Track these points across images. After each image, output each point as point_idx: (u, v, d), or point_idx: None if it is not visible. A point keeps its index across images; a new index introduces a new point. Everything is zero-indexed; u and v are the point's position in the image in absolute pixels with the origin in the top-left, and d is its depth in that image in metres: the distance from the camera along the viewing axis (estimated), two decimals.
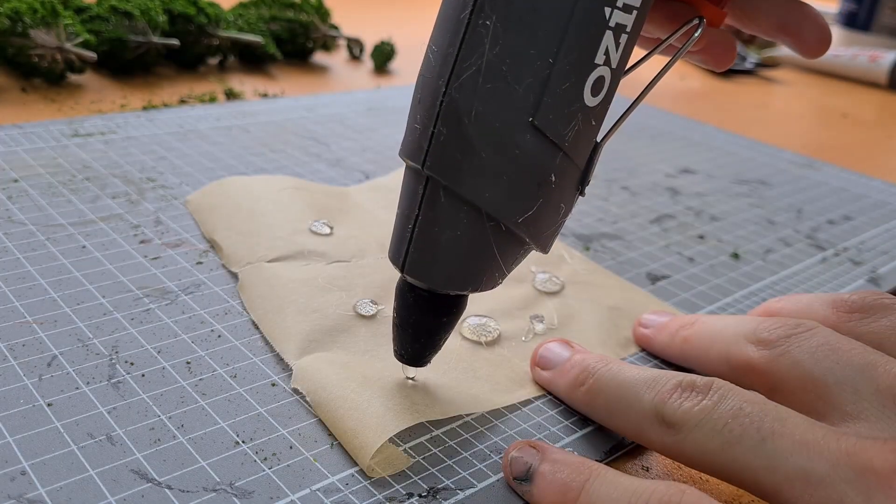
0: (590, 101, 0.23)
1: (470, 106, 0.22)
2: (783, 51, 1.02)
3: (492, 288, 0.25)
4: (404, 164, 0.25)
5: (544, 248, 0.25)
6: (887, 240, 0.49)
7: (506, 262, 0.25)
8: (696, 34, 0.26)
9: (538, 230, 0.24)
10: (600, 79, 0.23)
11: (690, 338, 0.31)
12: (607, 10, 0.22)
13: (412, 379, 0.28)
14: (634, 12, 0.22)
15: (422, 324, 0.26)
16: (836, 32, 1.10)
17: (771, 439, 0.22)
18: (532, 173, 0.23)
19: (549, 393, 0.30)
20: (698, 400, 0.24)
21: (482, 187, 0.23)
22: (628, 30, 0.23)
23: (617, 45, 0.22)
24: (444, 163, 0.23)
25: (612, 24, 0.22)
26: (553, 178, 0.23)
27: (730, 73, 0.95)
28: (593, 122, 0.23)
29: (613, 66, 0.23)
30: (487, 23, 0.21)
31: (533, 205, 0.23)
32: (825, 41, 0.29)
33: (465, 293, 0.25)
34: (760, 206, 0.52)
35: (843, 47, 1.03)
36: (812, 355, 0.25)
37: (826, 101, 0.88)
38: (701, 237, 0.46)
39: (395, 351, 0.27)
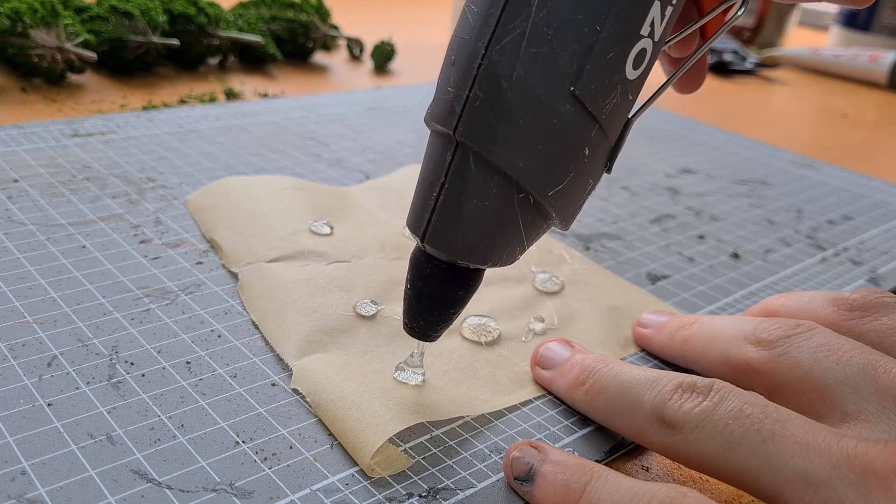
0: (630, 73, 0.22)
1: (510, 70, 0.21)
2: (783, 51, 1.02)
3: (510, 263, 0.24)
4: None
5: (566, 225, 0.24)
6: (887, 240, 0.49)
7: (528, 237, 0.24)
8: (740, 12, 0.26)
9: (565, 205, 0.23)
10: (643, 51, 0.22)
11: (690, 338, 0.31)
12: None
13: (421, 384, 0.28)
14: None
15: (437, 296, 0.25)
16: (836, 32, 1.10)
17: (772, 441, 0.22)
18: (567, 145, 0.22)
19: (550, 393, 0.30)
20: (699, 401, 0.23)
21: (516, 156, 0.22)
22: (674, 2, 0.22)
23: (662, 16, 0.22)
24: (479, 128, 0.22)
25: None
26: (586, 152, 0.22)
27: (730, 73, 0.95)
28: (630, 97, 0.23)
29: (656, 38, 0.22)
30: None
31: (564, 178, 0.23)
32: None
33: (485, 267, 0.24)
34: (760, 206, 0.52)
35: (843, 47, 1.03)
36: (812, 356, 0.25)
37: (826, 101, 0.88)
38: (701, 237, 0.46)
39: (404, 324, 0.26)
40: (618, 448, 0.28)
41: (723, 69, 0.94)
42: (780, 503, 0.21)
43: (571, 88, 0.21)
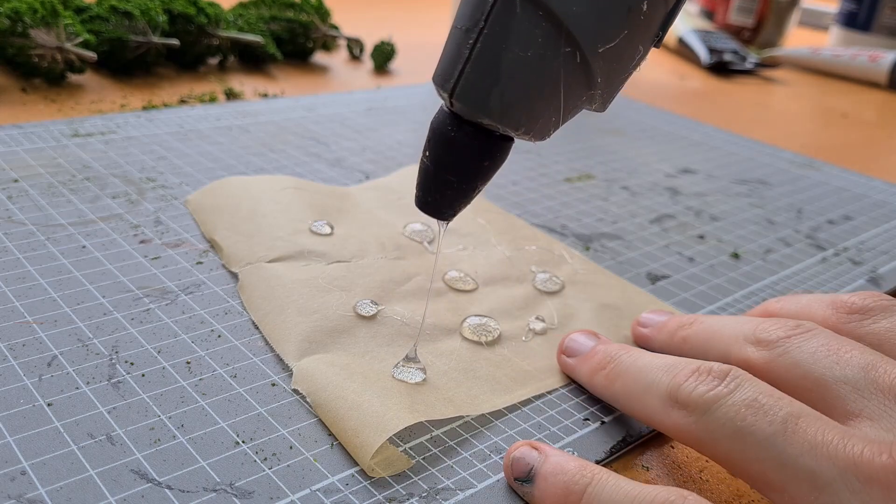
0: None
1: None
2: (783, 51, 1.02)
3: (541, 137, 0.22)
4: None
5: (605, 103, 0.22)
6: (887, 240, 0.49)
7: (567, 105, 0.22)
8: None
9: (611, 71, 0.21)
10: None
11: (689, 338, 0.31)
12: None
13: (421, 383, 0.28)
14: None
15: (460, 165, 0.22)
16: (836, 32, 1.10)
17: (782, 435, 0.22)
18: None
19: (572, 380, 0.31)
20: (714, 384, 0.24)
21: None
22: None
23: None
24: None
25: None
26: (644, 7, 0.20)
27: (730, 73, 0.95)
28: None
29: None
30: None
31: (618, 34, 0.20)
32: None
33: (516, 133, 0.22)
34: (760, 206, 0.52)
35: (843, 47, 1.03)
36: (811, 356, 0.25)
37: (826, 101, 0.88)
38: (701, 237, 0.46)
39: (417, 198, 0.24)
40: (618, 448, 0.28)
41: (723, 69, 0.94)
42: (785, 499, 0.22)
43: None
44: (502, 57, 0.21)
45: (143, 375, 0.28)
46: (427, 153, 0.23)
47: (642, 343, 0.33)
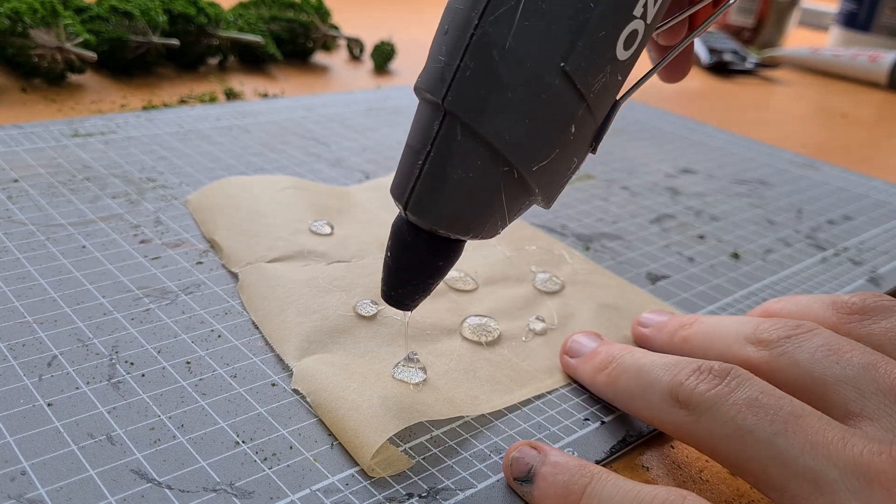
0: (621, 54, 0.22)
1: (503, 42, 0.21)
2: (783, 51, 1.02)
3: (491, 236, 0.25)
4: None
5: (548, 203, 0.25)
6: (887, 240, 0.49)
7: (510, 211, 0.24)
8: (732, 1, 0.26)
9: (548, 181, 0.24)
10: (634, 32, 0.22)
11: (689, 338, 0.31)
12: None
13: (422, 383, 0.28)
14: None
15: (417, 266, 0.25)
16: (836, 32, 1.10)
17: (783, 434, 0.22)
18: (554, 120, 0.22)
19: (572, 380, 0.31)
20: (715, 383, 0.24)
21: (503, 129, 0.22)
22: None
23: None
24: (468, 99, 0.22)
25: None
26: (573, 129, 0.23)
27: (730, 73, 0.95)
28: (619, 77, 0.23)
29: (648, 21, 0.22)
30: None
31: (549, 154, 0.23)
32: None
33: (466, 238, 0.24)
34: (760, 206, 0.52)
35: (843, 47, 1.03)
36: (812, 355, 0.25)
37: (826, 101, 0.88)
38: (701, 237, 0.46)
39: (383, 292, 0.26)
40: (618, 448, 0.28)
41: (723, 69, 0.94)
42: (785, 498, 0.22)
43: (562, 64, 0.21)
44: (448, 177, 0.23)
45: (143, 375, 0.28)
46: (388, 253, 0.25)
47: (643, 343, 0.33)
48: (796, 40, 1.18)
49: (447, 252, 0.25)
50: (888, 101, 0.91)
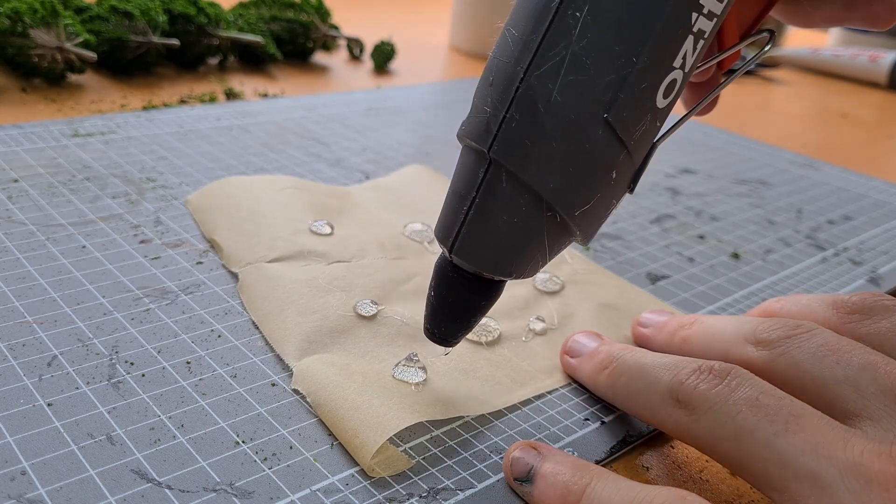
0: (661, 102, 0.23)
1: (548, 95, 0.22)
2: (783, 51, 1.02)
3: (532, 276, 0.25)
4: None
5: (587, 241, 0.25)
6: (887, 240, 0.49)
7: (551, 251, 0.25)
8: (767, 47, 0.27)
9: (588, 224, 0.24)
10: (673, 82, 0.23)
11: (690, 338, 0.31)
12: (694, 15, 0.22)
13: (422, 383, 0.28)
14: (715, 19, 0.23)
15: (461, 304, 0.26)
16: (836, 32, 1.10)
17: (784, 435, 0.22)
18: (597, 168, 0.23)
19: (572, 380, 0.31)
20: (715, 383, 0.24)
21: (548, 177, 0.23)
22: (706, 36, 0.23)
23: (695, 49, 0.23)
24: (513, 148, 0.23)
25: (695, 29, 0.22)
26: (613, 175, 0.23)
27: (730, 73, 0.95)
28: (658, 123, 0.24)
29: (686, 69, 0.23)
30: (577, 14, 0.21)
31: (591, 199, 0.23)
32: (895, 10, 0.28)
33: (509, 279, 0.25)
34: (760, 206, 0.52)
35: (843, 47, 1.03)
36: (812, 356, 0.25)
37: (826, 101, 0.88)
38: (701, 237, 0.46)
39: (426, 329, 0.27)
40: (618, 448, 0.28)
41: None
42: (785, 499, 0.22)
43: (605, 115, 0.22)
44: (492, 222, 0.24)
45: (143, 375, 0.28)
46: (432, 293, 0.26)
47: (642, 343, 0.33)
48: (796, 40, 1.18)
49: (489, 291, 0.26)
50: (888, 101, 0.91)
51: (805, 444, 0.22)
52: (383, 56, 0.75)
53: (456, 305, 0.26)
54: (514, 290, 0.36)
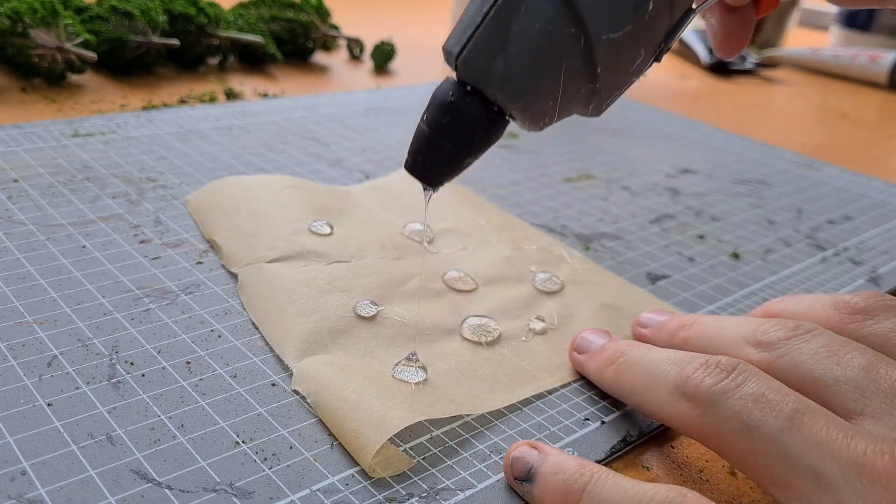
0: None
1: None
2: (783, 51, 1.02)
3: (536, 123, 0.24)
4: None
5: (599, 109, 0.24)
6: (887, 240, 0.49)
7: (564, 96, 0.23)
8: None
9: (610, 66, 0.22)
10: None
11: (690, 338, 0.31)
12: None
13: (422, 383, 0.28)
14: None
15: (453, 129, 0.23)
16: (836, 32, 1.10)
17: (788, 432, 0.22)
18: None
19: (573, 380, 0.31)
20: (721, 378, 0.24)
21: None
22: None
23: None
24: None
25: None
26: (650, 7, 0.22)
27: (730, 73, 0.95)
28: None
29: None
30: None
31: (623, 26, 0.22)
32: None
33: (513, 108, 0.23)
34: (760, 206, 0.52)
35: (843, 47, 1.03)
36: (812, 356, 0.25)
37: (826, 101, 0.88)
38: (701, 237, 0.46)
39: (407, 162, 0.25)
40: (618, 448, 0.28)
41: (723, 69, 0.94)
42: (788, 496, 0.22)
43: None
44: (511, 27, 0.22)
45: (143, 375, 0.28)
46: (424, 116, 0.24)
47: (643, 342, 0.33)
48: (796, 40, 1.18)
49: (487, 122, 0.23)
50: (888, 101, 0.91)
51: (809, 442, 0.22)
52: (383, 56, 0.75)
53: (448, 130, 0.23)
54: (514, 290, 0.36)
